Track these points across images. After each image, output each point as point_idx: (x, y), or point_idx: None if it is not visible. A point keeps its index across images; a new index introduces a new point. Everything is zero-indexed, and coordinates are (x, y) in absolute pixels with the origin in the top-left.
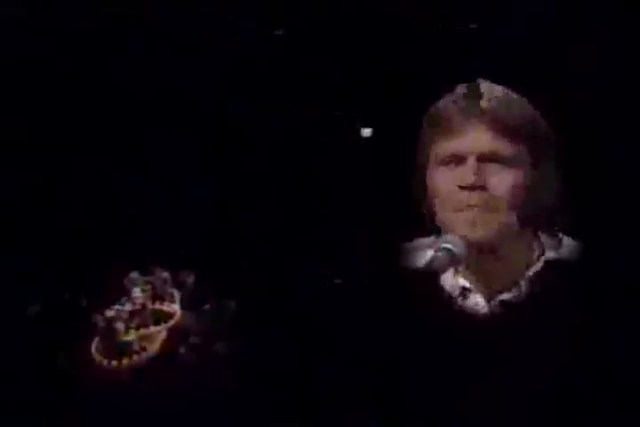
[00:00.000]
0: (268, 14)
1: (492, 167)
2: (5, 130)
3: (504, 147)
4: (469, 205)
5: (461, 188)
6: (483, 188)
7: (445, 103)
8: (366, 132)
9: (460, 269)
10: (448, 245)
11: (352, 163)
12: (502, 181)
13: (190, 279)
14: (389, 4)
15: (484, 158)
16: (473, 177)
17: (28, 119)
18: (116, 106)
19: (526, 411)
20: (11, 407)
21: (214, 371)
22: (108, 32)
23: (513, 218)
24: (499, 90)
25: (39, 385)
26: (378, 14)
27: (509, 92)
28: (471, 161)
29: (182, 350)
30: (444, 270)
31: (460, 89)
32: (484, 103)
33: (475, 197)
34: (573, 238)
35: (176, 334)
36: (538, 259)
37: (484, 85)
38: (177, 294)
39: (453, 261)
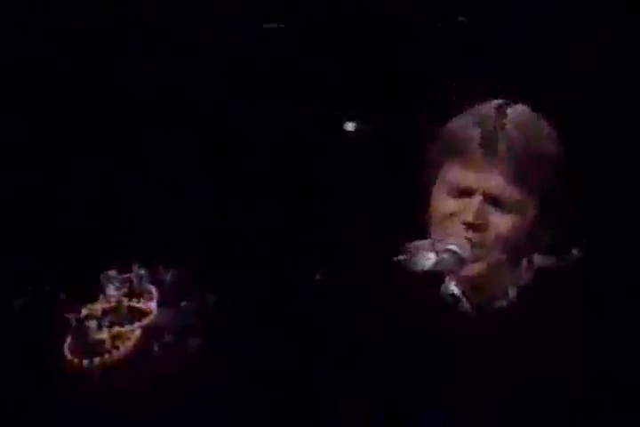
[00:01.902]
0: (268, 14)
1: (496, 209)
2: (5, 130)
3: (513, 192)
4: (466, 238)
5: (462, 222)
6: (483, 228)
7: (469, 131)
8: (350, 125)
9: (455, 275)
10: (453, 247)
11: (352, 163)
12: (503, 224)
13: (168, 276)
14: (389, 3)
15: (491, 199)
16: (474, 216)
17: (28, 119)
18: (115, 106)
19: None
20: None
21: (188, 369)
22: (108, 32)
23: (503, 257)
24: (528, 121)
25: (13, 385)
26: (378, 14)
27: (538, 122)
28: (477, 199)
29: (156, 348)
30: (450, 272)
31: (487, 114)
32: (501, 146)
33: (473, 234)
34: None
35: (151, 333)
36: (527, 269)
37: (513, 115)
38: (155, 292)
39: (458, 262)
